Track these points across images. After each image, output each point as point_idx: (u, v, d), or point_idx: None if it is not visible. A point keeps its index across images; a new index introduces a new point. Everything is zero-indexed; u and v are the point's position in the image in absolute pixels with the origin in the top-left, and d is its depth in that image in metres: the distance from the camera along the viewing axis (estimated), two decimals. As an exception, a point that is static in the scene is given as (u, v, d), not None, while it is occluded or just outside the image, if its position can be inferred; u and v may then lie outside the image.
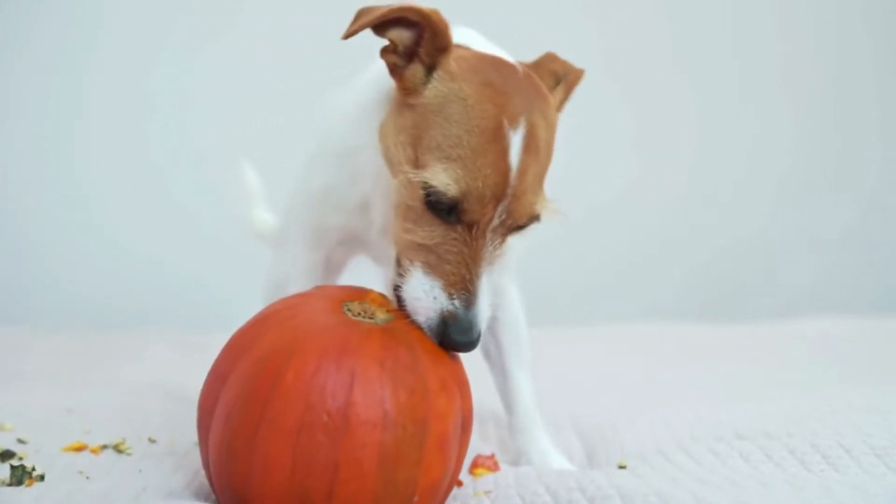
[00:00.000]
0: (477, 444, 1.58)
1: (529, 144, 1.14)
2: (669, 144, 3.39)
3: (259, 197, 2.06)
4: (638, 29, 3.35)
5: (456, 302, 1.14)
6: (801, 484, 1.20)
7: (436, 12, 1.18)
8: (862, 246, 3.50)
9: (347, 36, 1.19)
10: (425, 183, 1.13)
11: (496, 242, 1.16)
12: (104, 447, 1.40)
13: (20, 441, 1.42)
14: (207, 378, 1.15)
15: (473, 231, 1.14)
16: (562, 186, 3.38)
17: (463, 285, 1.14)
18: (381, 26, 1.19)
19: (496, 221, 1.14)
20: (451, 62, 1.19)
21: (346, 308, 1.16)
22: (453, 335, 1.14)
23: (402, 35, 1.19)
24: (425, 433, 1.08)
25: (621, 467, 1.41)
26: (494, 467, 1.40)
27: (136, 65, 3.16)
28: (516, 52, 3.26)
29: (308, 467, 1.04)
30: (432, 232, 1.16)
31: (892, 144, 3.50)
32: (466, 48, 1.23)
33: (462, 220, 1.14)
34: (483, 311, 1.15)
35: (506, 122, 1.13)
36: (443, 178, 1.12)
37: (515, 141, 1.13)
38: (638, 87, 3.35)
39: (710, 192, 3.42)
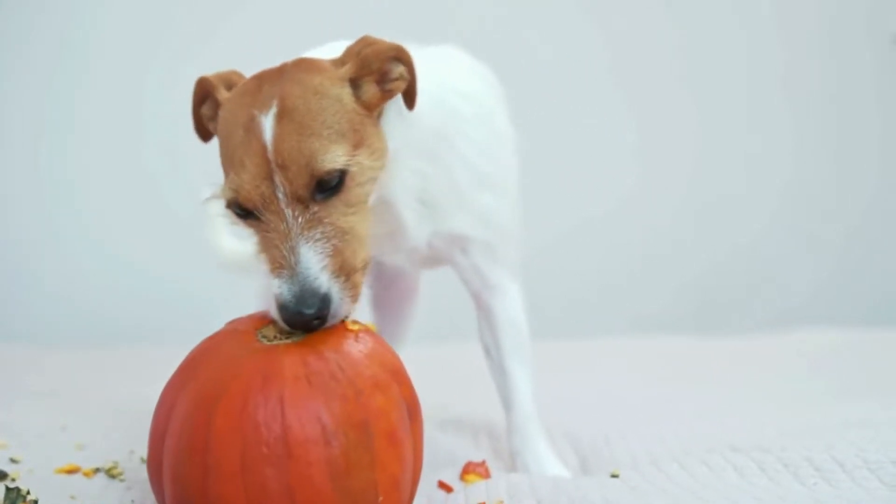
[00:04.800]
0: (469, 452, 1.59)
1: (282, 115, 1.16)
2: (670, 154, 3.40)
3: (224, 224, 2.06)
4: (641, 39, 3.36)
5: (278, 282, 1.15)
6: (795, 498, 1.21)
7: (210, 77, 1.31)
8: (860, 257, 3.50)
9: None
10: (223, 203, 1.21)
11: (300, 213, 1.16)
12: (97, 470, 1.39)
13: (13, 460, 1.42)
14: (149, 438, 1.15)
15: (271, 215, 1.17)
16: (562, 193, 3.39)
17: (280, 265, 1.16)
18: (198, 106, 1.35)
19: (281, 196, 1.15)
20: (223, 97, 1.27)
21: (260, 335, 1.16)
22: (289, 313, 1.13)
23: (207, 107, 1.35)
24: (370, 435, 1.07)
25: (613, 476, 1.41)
26: (485, 474, 1.40)
27: (130, 75, 3.16)
28: (520, 59, 3.27)
29: (263, 502, 1.03)
30: (256, 235, 1.21)
31: (892, 154, 3.51)
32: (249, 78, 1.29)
33: (257, 211, 1.18)
34: (310, 280, 1.14)
35: (256, 112, 1.18)
36: (223, 191, 1.19)
37: (267, 121, 1.16)
38: (641, 97, 3.36)
39: (709, 203, 3.43)
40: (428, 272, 1.75)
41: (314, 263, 1.15)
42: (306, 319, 1.13)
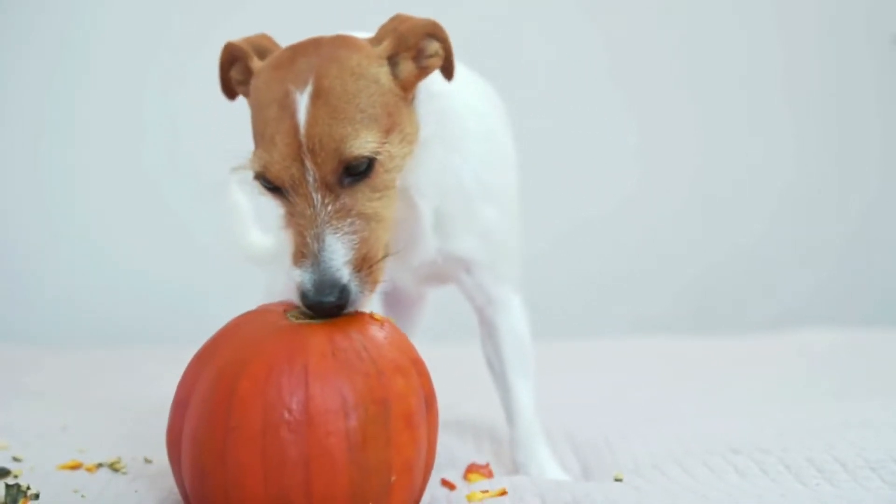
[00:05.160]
0: (472, 456, 1.58)
1: (317, 95, 1.16)
2: (670, 156, 3.40)
3: (251, 219, 2.06)
4: (642, 39, 3.36)
5: (300, 270, 1.16)
6: (797, 498, 1.21)
7: (238, 43, 1.31)
8: (860, 258, 3.50)
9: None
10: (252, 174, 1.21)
11: (330, 201, 1.16)
12: (100, 465, 1.39)
13: (15, 459, 1.42)
14: (170, 410, 1.16)
15: (299, 198, 1.17)
16: (562, 194, 3.38)
17: (303, 252, 1.16)
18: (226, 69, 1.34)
19: (311, 180, 1.15)
20: (257, 67, 1.26)
21: (290, 316, 1.19)
22: (309, 301, 1.15)
23: (236, 70, 1.33)
24: (388, 413, 1.09)
25: (617, 480, 1.41)
26: (489, 475, 1.41)
27: (130, 75, 3.16)
28: (521, 59, 3.25)
29: (280, 467, 1.05)
30: (283, 215, 1.21)
31: (891, 159, 3.51)
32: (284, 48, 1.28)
33: (285, 191, 1.18)
34: (332, 270, 1.14)
35: (292, 88, 1.17)
36: (251, 162, 1.19)
37: (302, 100, 1.16)
38: (641, 98, 3.36)
39: (709, 204, 3.43)
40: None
41: (339, 256, 1.16)
42: (326, 308, 1.15)
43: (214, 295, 3.06)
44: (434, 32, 1.26)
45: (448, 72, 1.29)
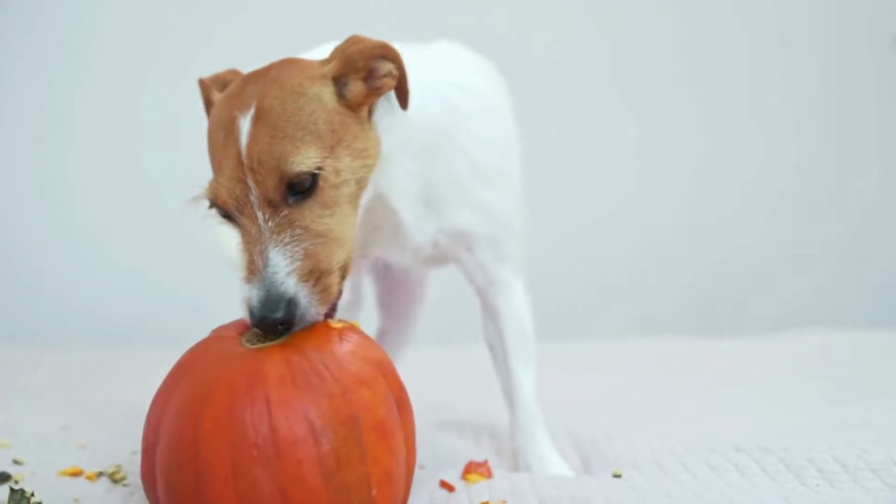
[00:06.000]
0: (471, 452, 1.58)
1: (259, 116, 1.16)
2: (671, 156, 3.40)
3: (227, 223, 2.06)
4: (642, 40, 3.36)
5: (248, 287, 1.15)
6: (797, 498, 1.21)
7: (205, 79, 1.35)
8: (861, 259, 3.50)
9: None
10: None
11: (273, 218, 1.16)
12: (100, 474, 1.39)
13: (16, 462, 1.42)
14: (142, 453, 1.14)
15: (245, 218, 1.17)
16: (563, 195, 3.38)
17: (250, 269, 1.16)
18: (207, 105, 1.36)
19: (254, 199, 1.15)
20: (215, 100, 1.28)
21: (244, 340, 1.16)
22: (255, 318, 1.13)
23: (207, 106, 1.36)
24: (359, 430, 1.07)
25: (616, 476, 1.41)
26: (487, 474, 1.40)
27: (130, 75, 3.16)
28: (521, 60, 3.25)
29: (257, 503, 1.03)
30: (238, 237, 1.21)
31: (891, 159, 3.51)
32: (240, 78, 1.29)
33: (232, 213, 1.19)
34: (277, 284, 1.13)
35: (237, 113, 1.18)
36: (206, 192, 1.21)
37: (245, 123, 1.16)
38: (641, 98, 3.36)
39: (709, 205, 3.43)
40: (434, 273, 1.74)
41: (281, 268, 1.14)
42: (273, 324, 1.13)
43: (214, 295, 3.05)
44: (385, 54, 1.24)
45: (402, 95, 1.27)
